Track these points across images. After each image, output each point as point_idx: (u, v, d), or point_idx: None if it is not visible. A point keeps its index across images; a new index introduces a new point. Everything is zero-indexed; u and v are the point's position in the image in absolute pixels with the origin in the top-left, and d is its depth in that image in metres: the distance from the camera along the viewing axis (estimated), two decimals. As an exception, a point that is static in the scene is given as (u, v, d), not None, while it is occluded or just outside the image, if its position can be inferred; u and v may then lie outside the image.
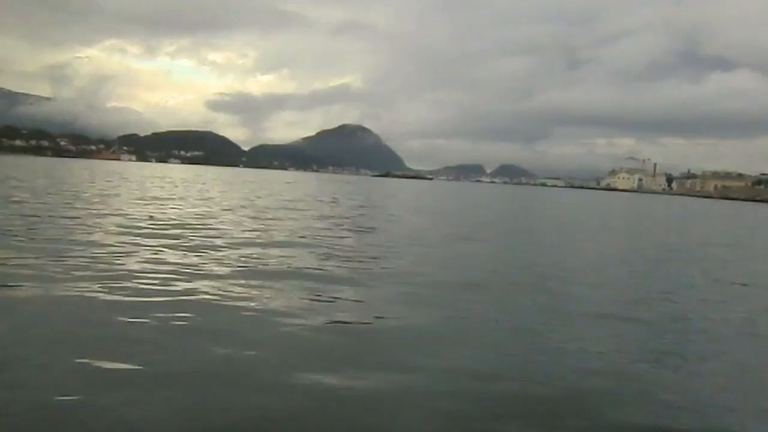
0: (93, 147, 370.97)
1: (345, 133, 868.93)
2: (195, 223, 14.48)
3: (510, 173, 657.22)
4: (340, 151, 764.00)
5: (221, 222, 15.39)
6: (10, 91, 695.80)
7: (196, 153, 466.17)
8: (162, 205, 20.25)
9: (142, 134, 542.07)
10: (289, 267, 8.96)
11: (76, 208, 16.84)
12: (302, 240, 12.50)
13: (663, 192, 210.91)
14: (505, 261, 11.64)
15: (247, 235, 12.94)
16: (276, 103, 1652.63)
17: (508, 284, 8.78)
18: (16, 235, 10.35)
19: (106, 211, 16.32)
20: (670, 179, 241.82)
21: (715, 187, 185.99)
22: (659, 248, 16.15)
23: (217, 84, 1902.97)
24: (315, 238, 12.82)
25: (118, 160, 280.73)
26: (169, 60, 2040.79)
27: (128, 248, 9.68)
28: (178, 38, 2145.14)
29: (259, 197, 29.75)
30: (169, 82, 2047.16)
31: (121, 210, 17.15)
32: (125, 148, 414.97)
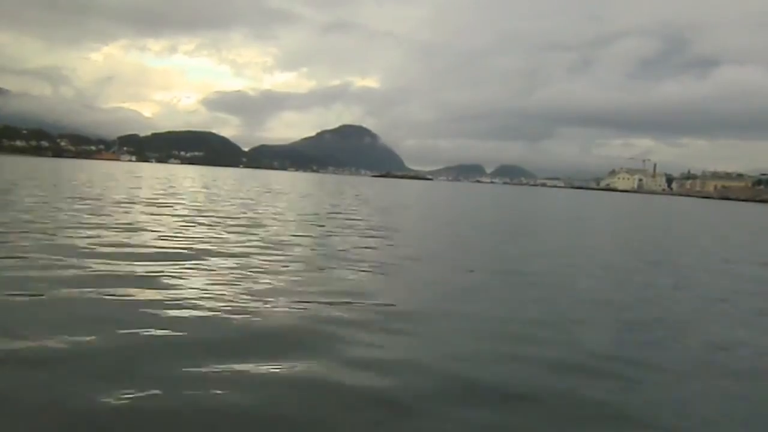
0: (93, 147, 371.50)
1: (345, 133, 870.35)
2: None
3: (510, 173, 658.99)
4: (340, 151, 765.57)
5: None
6: (8, 91, 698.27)
7: (196, 153, 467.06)
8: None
9: (141, 135, 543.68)
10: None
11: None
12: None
13: (663, 192, 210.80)
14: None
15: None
16: (276, 102, 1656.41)
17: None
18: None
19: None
20: (669, 180, 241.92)
21: (715, 187, 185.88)
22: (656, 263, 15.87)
23: (231, 83, 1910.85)
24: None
25: (118, 160, 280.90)
26: (185, 58, 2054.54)
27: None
28: (198, 36, 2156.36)
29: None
30: (180, 81, 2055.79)
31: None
32: (125, 148, 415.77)
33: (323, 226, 15.31)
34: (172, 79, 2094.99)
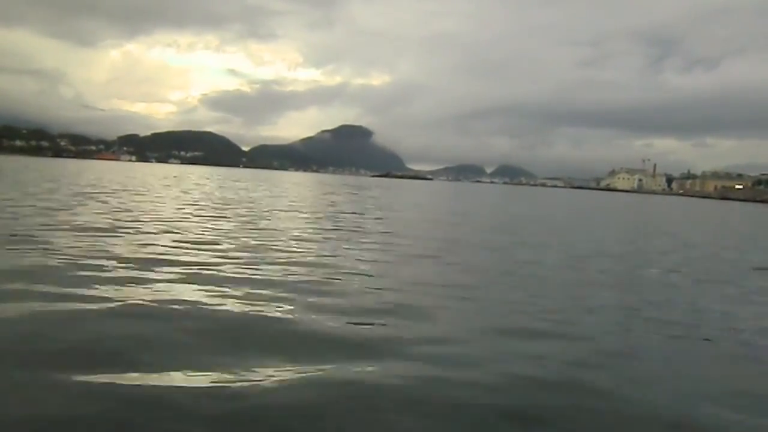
0: (93, 147, 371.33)
1: (344, 132, 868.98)
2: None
3: (510, 173, 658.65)
4: (339, 150, 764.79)
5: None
6: (9, 90, 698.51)
7: (195, 153, 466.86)
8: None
9: (141, 134, 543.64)
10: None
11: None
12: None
13: (663, 192, 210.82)
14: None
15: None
16: (276, 101, 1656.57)
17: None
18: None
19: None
20: (669, 180, 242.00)
21: (715, 187, 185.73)
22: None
23: (230, 81, 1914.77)
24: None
25: (118, 160, 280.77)
26: (183, 56, 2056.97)
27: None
28: (195, 34, 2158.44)
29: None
30: (176, 79, 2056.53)
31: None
32: (125, 148, 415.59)
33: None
34: (167, 78, 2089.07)
